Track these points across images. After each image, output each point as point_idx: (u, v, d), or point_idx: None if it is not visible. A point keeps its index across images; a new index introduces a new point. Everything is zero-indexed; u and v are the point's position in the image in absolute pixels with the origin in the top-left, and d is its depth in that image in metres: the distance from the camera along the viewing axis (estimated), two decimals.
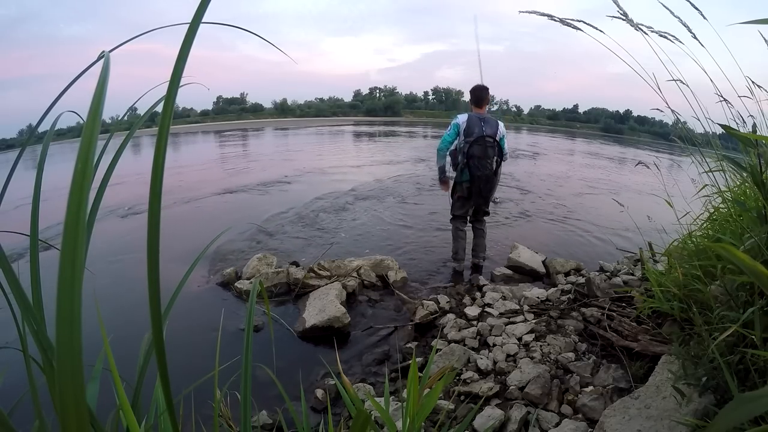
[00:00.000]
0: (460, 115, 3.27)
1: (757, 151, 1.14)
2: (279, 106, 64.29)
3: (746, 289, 1.17)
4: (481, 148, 3.15)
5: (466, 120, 3.19)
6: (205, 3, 0.34)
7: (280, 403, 1.84)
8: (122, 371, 0.57)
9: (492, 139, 3.17)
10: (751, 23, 0.57)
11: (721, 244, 0.56)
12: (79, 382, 0.25)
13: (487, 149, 3.16)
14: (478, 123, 3.15)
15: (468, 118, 3.20)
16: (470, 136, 3.14)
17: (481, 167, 3.18)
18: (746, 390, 1.09)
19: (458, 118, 3.25)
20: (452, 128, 3.23)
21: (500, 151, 3.22)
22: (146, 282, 0.31)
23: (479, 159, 3.16)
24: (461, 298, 2.98)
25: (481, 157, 3.16)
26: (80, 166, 0.27)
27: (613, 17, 1.54)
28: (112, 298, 3.08)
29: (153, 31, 0.56)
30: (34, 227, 0.56)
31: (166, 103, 0.32)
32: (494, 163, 3.22)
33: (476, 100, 3.28)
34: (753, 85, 1.52)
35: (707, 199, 1.80)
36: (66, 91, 0.56)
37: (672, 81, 1.64)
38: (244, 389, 0.65)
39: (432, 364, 1.03)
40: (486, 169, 3.19)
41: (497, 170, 3.27)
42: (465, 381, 1.94)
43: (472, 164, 3.17)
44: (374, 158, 12.32)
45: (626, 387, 1.64)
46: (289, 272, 3.27)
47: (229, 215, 5.75)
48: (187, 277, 0.73)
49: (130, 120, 0.77)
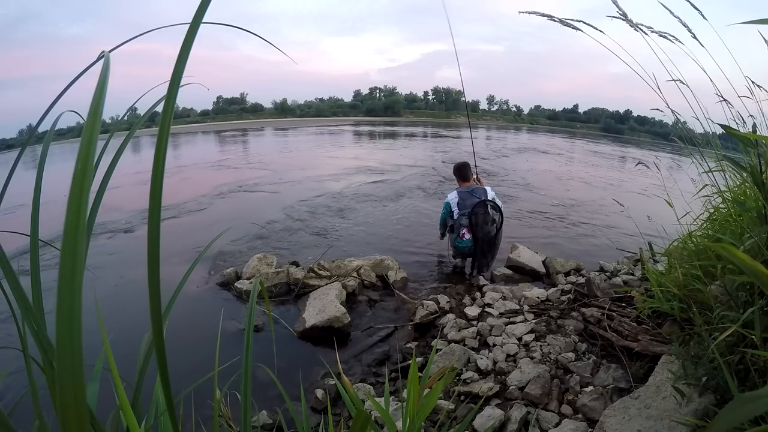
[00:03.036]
0: (449, 194, 3.49)
1: (757, 151, 1.14)
2: (279, 106, 64.32)
3: (746, 289, 1.17)
4: (483, 211, 3.32)
5: (456, 196, 3.41)
6: (206, 3, 0.34)
7: (280, 403, 1.84)
8: (122, 371, 0.57)
9: (491, 202, 3.36)
10: (751, 23, 0.57)
11: (721, 244, 0.56)
12: (79, 382, 0.25)
13: (487, 211, 3.34)
14: (469, 196, 3.37)
15: (458, 194, 3.41)
16: (464, 208, 3.34)
17: (483, 231, 3.34)
18: (746, 390, 1.09)
19: (448, 197, 3.47)
20: (444, 207, 3.48)
21: (500, 209, 3.40)
22: (146, 282, 0.31)
23: (482, 223, 3.32)
24: (461, 298, 2.98)
25: (482, 219, 3.32)
26: (80, 166, 0.27)
27: (613, 17, 1.53)
28: (113, 298, 3.08)
29: (153, 31, 0.56)
30: (34, 227, 0.56)
31: (167, 103, 0.32)
32: (495, 224, 3.38)
33: (462, 177, 3.54)
34: (753, 85, 1.52)
35: (707, 199, 1.80)
36: (66, 91, 0.56)
37: (672, 81, 1.64)
38: (244, 389, 0.65)
39: (432, 364, 1.03)
40: (488, 232, 3.35)
41: (498, 233, 3.43)
42: (465, 381, 1.94)
43: (474, 229, 3.32)
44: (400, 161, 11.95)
45: (626, 387, 1.64)
46: (289, 272, 3.27)
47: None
48: (187, 277, 0.73)
49: (130, 120, 0.77)
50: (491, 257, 3.53)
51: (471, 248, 3.40)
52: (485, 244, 3.39)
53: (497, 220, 3.39)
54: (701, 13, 1.48)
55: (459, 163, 3.62)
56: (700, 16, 1.48)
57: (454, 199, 3.41)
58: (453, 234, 3.46)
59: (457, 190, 3.46)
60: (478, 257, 3.49)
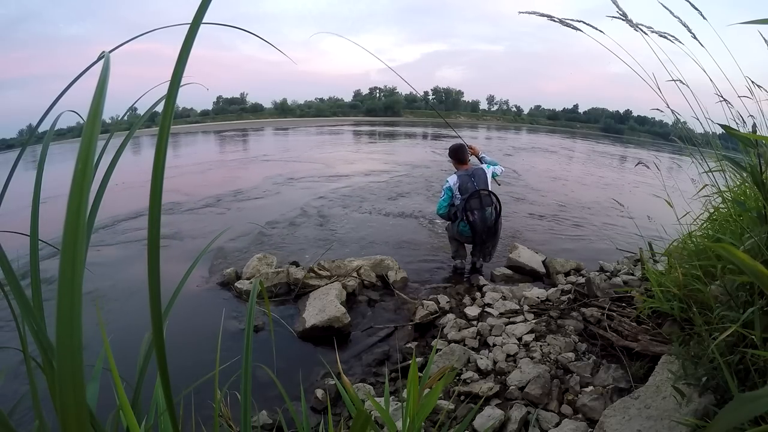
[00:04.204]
0: (449, 178, 3.41)
1: (757, 151, 1.14)
2: (279, 106, 64.33)
3: (746, 289, 1.17)
4: (478, 201, 3.29)
5: (457, 180, 3.34)
6: (206, 3, 0.34)
7: (280, 403, 1.84)
8: (122, 371, 0.57)
9: (486, 191, 3.31)
10: (751, 23, 0.57)
11: (721, 244, 0.56)
12: (79, 382, 0.25)
13: (483, 200, 3.30)
14: (469, 179, 3.31)
15: (458, 178, 3.34)
16: (465, 192, 3.28)
17: (481, 219, 3.31)
18: (746, 390, 1.09)
19: (448, 181, 3.40)
20: (445, 192, 3.40)
21: (497, 199, 3.36)
22: (146, 282, 0.31)
23: (478, 211, 3.29)
24: (461, 298, 2.98)
25: (479, 209, 3.30)
26: (80, 166, 0.27)
27: (613, 17, 1.53)
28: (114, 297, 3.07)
29: (153, 31, 0.56)
30: (34, 227, 0.56)
31: (167, 103, 0.32)
32: (493, 212, 3.35)
33: (459, 159, 3.45)
34: (753, 85, 1.52)
35: (707, 199, 1.80)
36: (66, 91, 0.56)
37: (672, 81, 1.63)
38: (244, 389, 0.65)
39: (432, 364, 1.03)
40: (486, 220, 3.32)
41: (497, 221, 3.40)
42: (465, 381, 1.94)
43: (472, 218, 3.29)
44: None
45: (626, 387, 1.64)
46: (289, 272, 3.27)
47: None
48: (187, 276, 0.73)
49: (130, 120, 0.77)
50: (492, 246, 3.49)
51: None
52: (484, 233, 3.35)
53: (495, 202, 3.32)
54: (701, 13, 1.48)
55: (454, 145, 3.50)
56: (700, 16, 1.48)
57: (455, 183, 3.32)
58: (455, 223, 3.40)
59: (456, 174, 3.37)
60: (478, 246, 3.46)
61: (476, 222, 3.29)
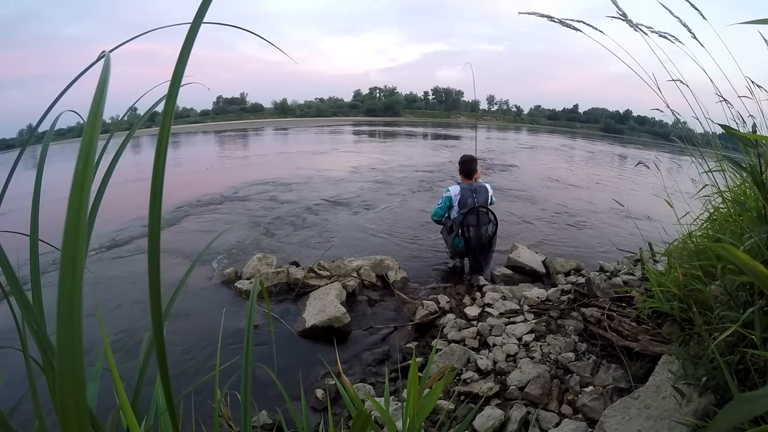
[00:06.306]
0: (451, 188, 3.39)
1: (757, 151, 1.14)
2: (279, 106, 64.38)
3: (746, 289, 1.17)
4: (475, 218, 3.29)
5: (459, 192, 3.32)
6: (206, 3, 0.34)
7: (280, 403, 1.83)
8: (122, 371, 0.57)
9: (485, 208, 3.31)
10: (751, 23, 0.57)
11: (721, 244, 0.56)
12: (80, 382, 0.25)
13: (480, 218, 3.30)
14: (470, 194, 3.30)
15: (460, 190, 3.32)
16: (464, 207, 3.28)
17: (476, 236, 3.31)
18: (746, 390, 1.09)
19: (450, 190, 3.38)
20: (443, 201, 3.38)
21: (495, 217, 3.36)
22: (146, 282, 0.31)
23: (474, 228, 3.30)
24: (461, 298, 2.98)
25: (476, 225, 3.30)
26: (81, 166, 0.27)
27: (613, 18, 1.53)
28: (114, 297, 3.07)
29: (153, 31, 0.56)
30: (34, 227, 0.56)
31: (167, 103, 0.32)
32: (489, 229, 3.35)
33: (467, 172, 3.43)
34: (753, 85, 1.52)
35: (707, 199, 1.80)
36: (66, 91, 0.56)
37: (672, 81, 1.63)
38: (244, 389, 0.65)
39: (432, 364, 1.03)
40: (482, 237, 3.33)
41: (493, 238, 3.40)
42: (465, 381, 1.94)
43: (467, 234, 3.30)
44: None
45: (626, 387, 1.64)
46: (289, 272, 3.27)
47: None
48: (187, 276, 0.73)
49: (130, 120, 0.77)
50: (485, 263, 3.51)
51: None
52: (478, 250, 3.36)
53: (493, 221, 3.34)
54: (701, 13, 1.48)
55: (465, 156, 3.47)
56: (700, 16, 1.48)
57: (456, 194, 3.31)
58: (452, 234, 3.42)
59: (459, 185, 3.35)
60: (471, 262, 3.49)
61: (471, 239, 3.30)
